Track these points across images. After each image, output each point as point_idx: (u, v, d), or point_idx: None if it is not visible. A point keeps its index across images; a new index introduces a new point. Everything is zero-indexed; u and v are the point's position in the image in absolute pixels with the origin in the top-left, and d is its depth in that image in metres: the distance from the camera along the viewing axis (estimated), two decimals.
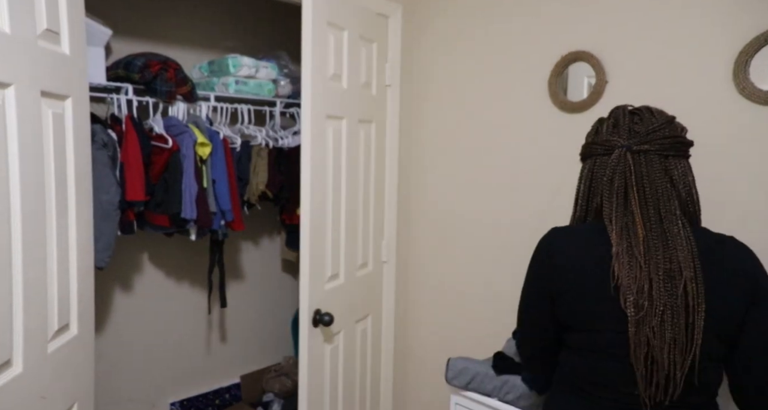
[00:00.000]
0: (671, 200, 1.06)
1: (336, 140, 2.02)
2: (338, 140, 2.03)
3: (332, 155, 2.00)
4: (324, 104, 1.92)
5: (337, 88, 2.00)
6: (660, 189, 1.06)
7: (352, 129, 2.11)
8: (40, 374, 1.31)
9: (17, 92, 1.19)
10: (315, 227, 1.90)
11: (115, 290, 2.56)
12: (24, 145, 1.21)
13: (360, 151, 2.19)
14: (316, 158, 1.89)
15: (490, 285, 2.18)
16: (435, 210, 2.36)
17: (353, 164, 2.14)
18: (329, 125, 1.97)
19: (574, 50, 1.88)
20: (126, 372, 2.61)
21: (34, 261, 1.26)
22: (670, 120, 1.13)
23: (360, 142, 2.19)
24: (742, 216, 1.59)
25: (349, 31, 2.03)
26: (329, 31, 1.92)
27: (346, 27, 2.01)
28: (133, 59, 2.19)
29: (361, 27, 2.11)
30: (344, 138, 2.06)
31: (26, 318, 1.24)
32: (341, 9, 1.98)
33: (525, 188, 2.05)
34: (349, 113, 2.08)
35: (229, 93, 2.48)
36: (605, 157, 1.13)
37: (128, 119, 2.15)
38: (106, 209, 2.01)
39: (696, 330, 0.96)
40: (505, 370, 1.65)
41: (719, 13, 1.59)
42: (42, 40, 1.29)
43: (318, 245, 1.93)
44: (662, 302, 0.96)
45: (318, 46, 1.85)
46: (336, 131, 2.02)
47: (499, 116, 2.11)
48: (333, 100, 1.97)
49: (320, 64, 1.87)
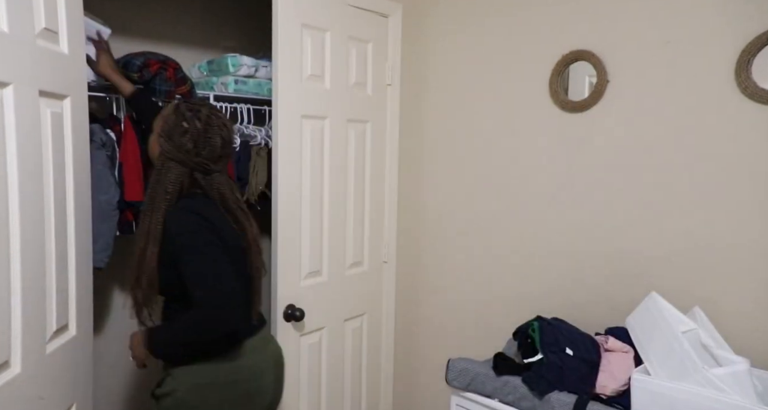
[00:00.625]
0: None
1: (316, 138, 2.07)
2: (318, 139, 2.08)
3: (310, 154, 2.05)
4: (298, 104, 1.98)
5: (316, 88, 2.06)
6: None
7: (338, 129, 2.15)
8: (38, 375, 1.30)
9: (15, 92, 1.18)
10: (285, 224, 1.98)
11: (114, 291, 2.55)
12: (22, 144, 1.21)
13: (349, 150, 2.21)
14: (287, 157, 1.96)
15: (491, 286, 2.17)
16: (435, 210, 2.35)
17: (339, 163, 2.17)
18: (306, 124, 2.03)
19: (575, 49, 1.87)
20: (125, 372, 2.60)
21: (32, 261, 1.26)
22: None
23: (349, 141, 2.22)
24: (744, 215, 1.58)
25: (332, 33, 2.08)
26: (305, 32, 1.98)
27: (328, 28, 2.07)
28: (132, 58, 2.18)
29: (352, 28, 2.16)
30: (327, 137, 2.12)
31: (24, 319, 1.23)
32: (321, 11, 2.03)
33: (525, 188, 2.05)
34: (332, 113, 2.13)
35: (229, 92, 2.47)
36: None
37: (127, 118, 2.14)
38: (105, 209, 2.00)
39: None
40: (505, 371, 1.64)
41: (722, 11, 1.58)
42: (40, 39, 1.28)
43: (291, 243, 2.00)
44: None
45: (289, 47, 1.93)
46: (316, 130, 2.07)
47: (499, 116, 2.11)
48: (311, 100, 2.04)
49: (293, 65, 1.95)
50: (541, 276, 2.02)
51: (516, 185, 2.07)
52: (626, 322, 1.64)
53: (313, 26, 2.01)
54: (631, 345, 1.58)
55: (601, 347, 1.62)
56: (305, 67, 2.01)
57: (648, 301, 1.57)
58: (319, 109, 2.08)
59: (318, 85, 2.07)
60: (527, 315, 1.86)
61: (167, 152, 1.47)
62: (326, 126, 2.11)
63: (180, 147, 1.46)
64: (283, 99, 1.93)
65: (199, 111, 1.49)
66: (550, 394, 1.53)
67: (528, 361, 1.61)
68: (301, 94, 2.00)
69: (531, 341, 1.63)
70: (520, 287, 2.09)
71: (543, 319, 1.67)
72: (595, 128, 1.86)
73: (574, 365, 1.54)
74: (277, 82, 1.92)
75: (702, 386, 1.29)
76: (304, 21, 1.97)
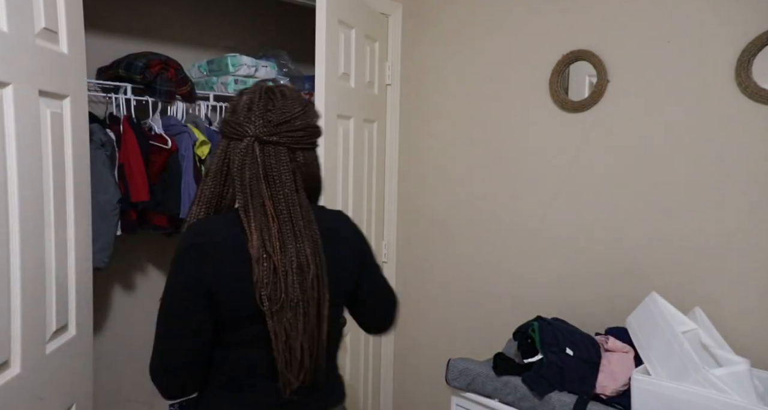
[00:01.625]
0: (298, 192, 1.09)
1: (345, 140, 1.99)
2: (347, 140, 2.00)
3: (342, 156, 1.97)
4: (335, 104, 1.89)
5: (345, 87, 1.97)
6: (288, 182, 1.08)
7: (359, 129, 2.08)
8: (38, 375, 1.30)
9: (15, 91, 1.18)
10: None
11: (114, 291, 2.55)
12: (22, 144, 1.20)
13: (365, 151, 2.17)
14: (329, 159, 1.84)
15: (491, 285, 2.17)
16: (435, 210, 2.35)
17: (359, 164, 2.11)
18: (340, 124, 1.94)
19: (575, 49, 1.87)
20: (125, 372, 2.60)
21: (32, 261, 1.26)
22: (305, 108, 1.11)
23: (365, 142, 2.16)
24: (744, 215, 1.58)
25: (356, 30, 2.00)
26: (340, 29, 1.89)
27: (354, 25, 1.98)
28: (134, 60, 2.18)
29: (367, 26, 2.09)
30: (351, 138, 2.03)
31: (24, 319, 1.23)
32: (350, 6, 1.95)
33: (525, 188, 2.04)
34: (355, 113, 2.05)
35: (229, 92, 2.47)
36: (237, 142, 1.08)
37: (125, 120, 2.14)
38: (104, 208, 2.00)
39: (322, 318, 1.08)
40: (505, 371, 1.64)
41: (722, 11, 1.58)
42: (40, 39, 1.28)
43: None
44: (295, 296, 1.04)
45: (331, 44, 1.82)
46: (345, 130, 1.98)
47: (499, 116, 2.11)
48: (342, 100, 1.94)
49: (332, 63, 1.84)
50: (541, 276, 2.02)
51: (516, 184, 2.07)
52: (626, 322, 1.64)
53: (345, 23, 1.92)
54: (631, 345, 1.58)
55: (602, 347, 1.62)
56: (339, 65, 1.91)
57: (648, 301, 1.57)
58: (347, 108, 1.99)
59: (346, 84, 1.98)
60: (527, 315, 1.86)
61: None
62: (351, 126, 2.02)
63: None
64: (328, 98, 1.81)
65: None
66: (550, 394, 1.52)
67: (528, 361, 1.61)
68: (336, 92, 1.89)
69: (531, 341, 1.63)
70: (520, 287, 2.09)
71: (543, 319, 1.67)
72: (595, 128, 1.85)
73: (575, 365, 1.54)
74: (321, 80, 1.79)
75: (702, 386, 1.29)
76: (340, 17, 1.87)
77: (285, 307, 1.03)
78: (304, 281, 1.05)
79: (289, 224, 1.06)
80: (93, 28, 2.22)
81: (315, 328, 1.07)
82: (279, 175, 1.07)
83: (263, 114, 1.07)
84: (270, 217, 1.05)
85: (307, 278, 1.05)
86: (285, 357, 1.04)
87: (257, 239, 1.03)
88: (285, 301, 1.03)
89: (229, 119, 1.10)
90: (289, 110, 1.09)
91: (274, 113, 1.08)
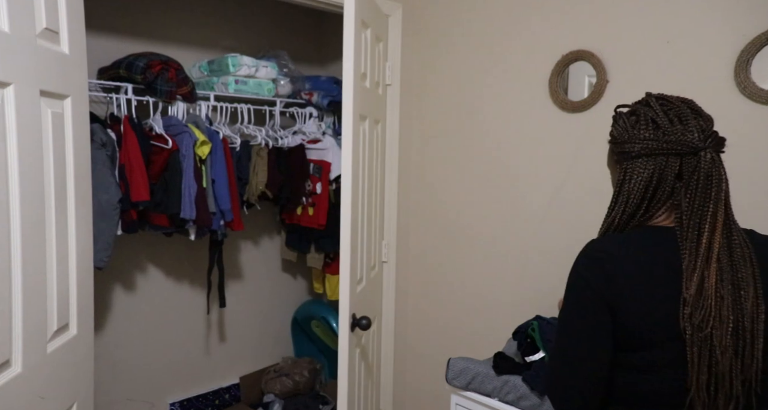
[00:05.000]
0: (729, 203, 1.00)
1: (363, 141, 1.96)
2: (364, 142, 1.97)
3: (361, 158, 1.93)
4: (360, 104, 1.85)
5: (364, 88, 1.93)
6: (723, 192, 1.00)
7: (372, 129, 2.06)
8: (39, 374, 1.31)
9: (16, 92, 1.18)
10: (354, 232, 1.81)
11: (114, 290, 2.55)
12: (23, 144, 1.21)
13: (374, 152, 2.15)
14: (355, 161, 1.80)
15: (491, 285, 2.17)
16: (435, 210, 2.36)
17: (371, 165, 2.08)
18: (360, 125, 1.90)
19: (575, 49, 1.87)
20: (125, 372, 2.61)
21: (33, 261, 1.26)
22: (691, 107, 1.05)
23: (375, 142, 2.15)
24: (743, 216, 1.58)
25: (372, 29, 1.97)
26: (361, 29, 1.85)
27: (370, 25, 1.95)
28: (134, 60, 2.18)
29: (377, 26, 2.07)
30: (367, 139, 2.00)
31: (25, 318, 1.23)
32: (369, 6, 1.93)
33: (525, 188, 2.05)
34: (370, 113, 2.02)
35: (229, 92, 2.48)
36: (675, 157, 1.00)
37: (126, 120, 2.15)
38: (105, 208, 2.01)
39: (756, 346, 0.94)
40: (505, 370, 1.65)
41: (721, 12, 1.58)
42: (41, 39, 1.29)
43: (355, 248, 1.85)
44: (731, 320, 0.92)
45: (358, 44, 1.78)
46: (365, 131, 1.96)
47: (499, 116, 2.11)
48: (363, 100, 1.90)
49: (358, 63, 1.80)
50: (541, 276, 2.02)
51: (515, 184, 2.08)
52: None
53: (366, 23, 1.89)
54: None
55: None
56: (361, 64, 1.87)
57: None
58: (365, 108, 1.95)
59: (365, 84, 1.94)
60: (527, 315, 1.86)
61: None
62: (366, 127, 1.99)
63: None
64: (355, 98, 1.76)
65: None
66: None
67: (530, 360, 1.61)
68: (359, 93, 1.84)
69: (531, 340, 1.64)
70: (519, 287, 2.09)
71: (542, 319, 1.68)
72: (595, 128, 1.86)
73: None
74: (349, 81, 1.73)
75: None
76: (362, 16, 1.82)
77: (717, 332, 0.92)
78: (741, 303, 0.94)
79: (727, 240, 0.98)
80: (94, 28, 2.22)
81: (751, 358, 0.94)
82: (719, 185, 0.99)
83: (697, 125, 1.00)
84: (717, 232, 0.97)
85: (743, 300, 0.94)
86: (708, 384, 0.94)
87: (691, 253, 0.96)
88: (718, 325, 0.92)
89: (652, 137, 1.02)
90: (705, 114, 1.02)
91: (703, 121, 1.01)
